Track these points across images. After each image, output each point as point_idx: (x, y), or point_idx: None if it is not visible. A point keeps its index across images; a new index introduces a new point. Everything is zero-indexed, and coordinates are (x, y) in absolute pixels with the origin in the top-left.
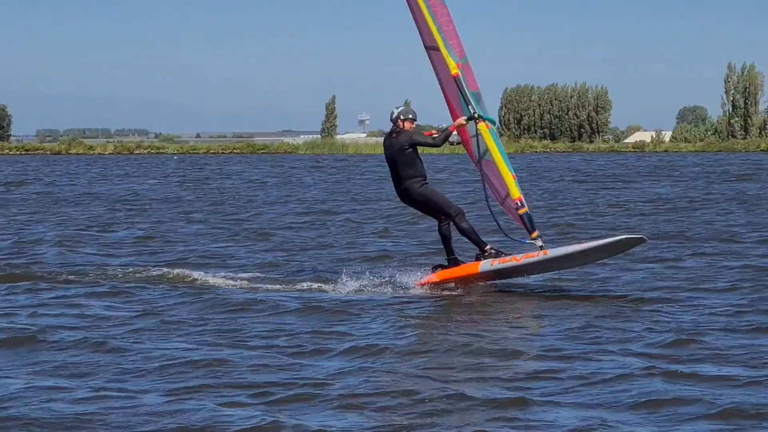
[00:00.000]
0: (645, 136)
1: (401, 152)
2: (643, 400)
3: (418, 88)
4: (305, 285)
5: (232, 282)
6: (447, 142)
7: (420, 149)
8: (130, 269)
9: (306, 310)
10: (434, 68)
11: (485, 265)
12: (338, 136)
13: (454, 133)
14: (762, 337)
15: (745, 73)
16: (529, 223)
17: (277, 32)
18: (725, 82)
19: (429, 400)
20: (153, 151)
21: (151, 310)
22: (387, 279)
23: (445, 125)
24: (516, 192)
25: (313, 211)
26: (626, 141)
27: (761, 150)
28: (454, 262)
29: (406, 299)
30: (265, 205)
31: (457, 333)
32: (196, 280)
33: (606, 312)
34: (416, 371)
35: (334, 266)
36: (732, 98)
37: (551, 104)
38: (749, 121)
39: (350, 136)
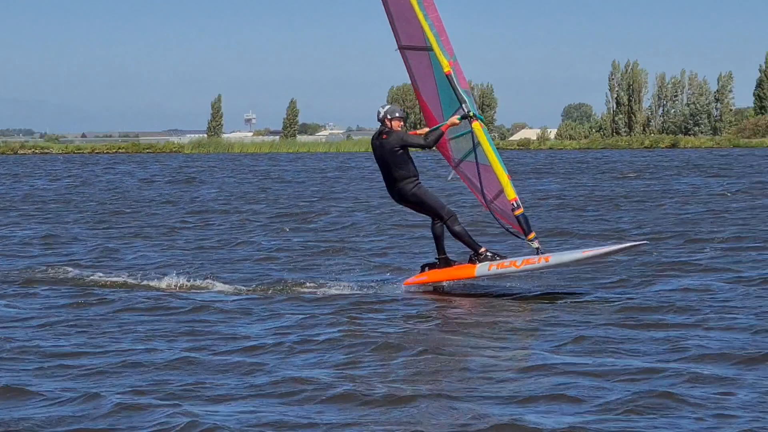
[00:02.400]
0: (530, 134)
1: (392, 153)
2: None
3: (304, 87)
4: (197, 283)
5: (116, 280)
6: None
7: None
8: (16, 270)
9: (195, 310)
10: (408, 68)
11: (482, 269)
12: (224, 135)
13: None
14: (651, 330)
15: (629, 71)
16: (525, 225)
17: (163, 32)
18: (609, 80)
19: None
20: (38, 151)
21: (38, 311)
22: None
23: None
24: (512, 193)
25: (204, 210)
26: (512, 138)
27: (644, 147)
28: (444, 261)
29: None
30: (153, 204)
31: (430, 337)
32: (82, 279)
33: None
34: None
35: (228, 266)
36: (616, 96)
37: None
38: (633, 118)
39: (236, 135)
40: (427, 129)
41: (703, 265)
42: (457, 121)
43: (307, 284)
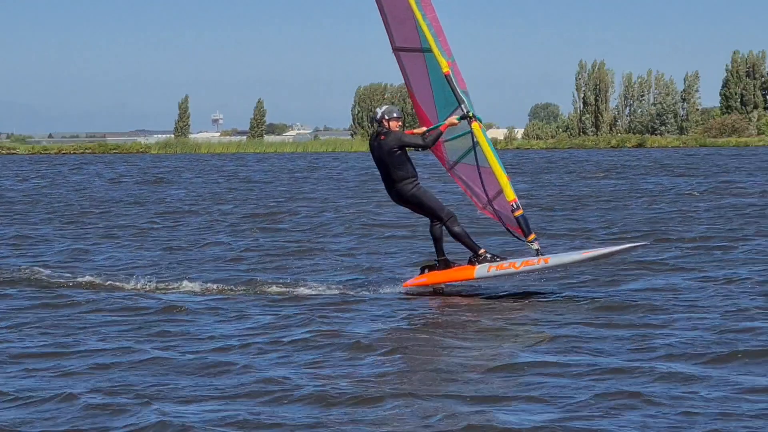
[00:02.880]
0: (498, 134)
1: (390, 154)
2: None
3: (271, 87)
4: (166, 284)
5: (85, 281)
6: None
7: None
8: None
9: (165, 311)
10: (403, 70)
11: (481, 270)
12: (191, 136)
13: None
14: (619, 329)
15: (596, 71)
16: (525, 226)
17: (131, 32)
18: (576, 80)
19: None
20: (4, 151)
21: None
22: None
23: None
24: (511, 194)
25: (173, 210)
26: None
27: (611, 147)
28: (444, 263)
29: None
30: (122, 205)
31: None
32: (51, 281)
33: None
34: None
35: (197, 266)
36: (583, 95)
37: (404, 102)
38: (600, 118)
39: (203, 135)
40: (422, 128)
41: (670, 264)
42: (456, 121)
43: (277, 285)
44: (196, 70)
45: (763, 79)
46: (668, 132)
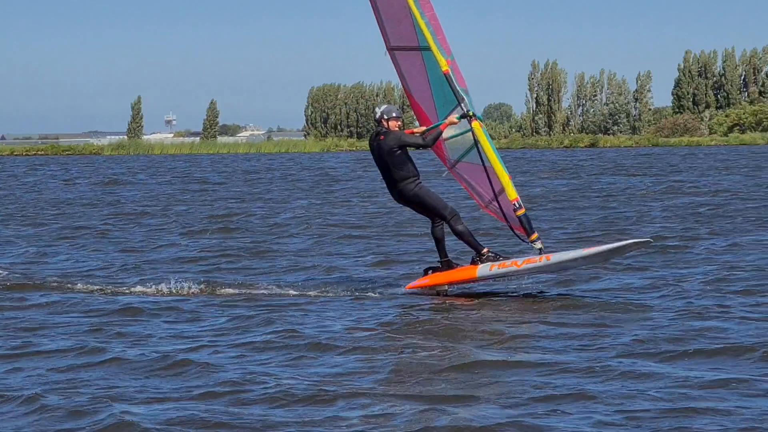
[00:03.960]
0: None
1: (390, 154)
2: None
3: (224, 88)
4: (124, 285)
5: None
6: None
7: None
8: None
9: (122, 311)
10: (399, 70)
11: (483, 269)
12: (144, 137)
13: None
14: (571, 327)
15: (549, 71)
16: (527, 225)
17: (83, 33)
18: (529, 80)
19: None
20: None
21: None
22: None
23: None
24: (513, 193)
25: (129, 212)
26: None
27: (564, 146)
28: (447, 264)
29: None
30: (77, 207)
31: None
32: (7, 283)
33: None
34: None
35: (154, 267)
36: (536, 95)
37: (357, 103)
38: (553, 117)
39: (156, 136)
40: (421, 128)
41: (624, 264)
42: (456, 120)
43: (233, 286)
44: (149, 71)
45: (714, 79)
46: (621, 132)
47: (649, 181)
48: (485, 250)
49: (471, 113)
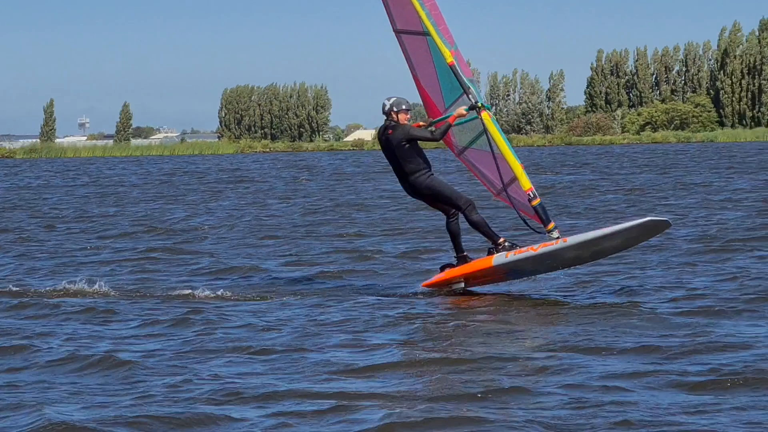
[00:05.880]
0: (365, 134)
1: (399, 148)
2: None
3: (137, 90)
4: (55, 288)
5: None
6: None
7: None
8: None
9: (52, 315)
10: (405, 53)
11: (500, 257)
12: (58, 140)
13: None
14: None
15: None
16: (544, 215)
17: None
18: None
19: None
20: None
21: None
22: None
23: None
24: (527, 183)
25: (47, 215)
26: (346, 139)
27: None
28: (463, 260)
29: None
30: None
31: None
32: None
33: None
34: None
35: (79, 270)
36: None
37: (271, 104)
38: None
39: (70, 139)
40: (421, 123)
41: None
42: (465, 112)
43: (154, 287)
44: (62, 74)
45: (627, 78)
46: (534, 131)
47: (567, 180)
48: (501, 239)
49: (480, 104)
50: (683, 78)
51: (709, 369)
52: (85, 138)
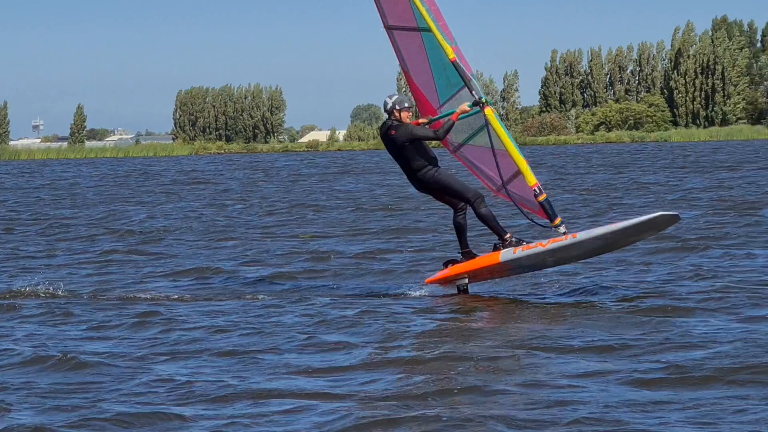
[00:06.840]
0: (320, 135)
1: (403, 148)
2: None
3: (91, 92)
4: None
5: None
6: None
7: None
8: None
9: (11, 318)
10: (397, 50)
11: (507, 253)
12: (11, 143)
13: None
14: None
15: None
16: (550, 210)
17: None
18: (397, 81)
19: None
20: None
21: None
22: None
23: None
24: (532, 178)
25: (4, 218)
26: (301, 140)
27: (434, 146)
28: (468, 255)
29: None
30: None
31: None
32: None
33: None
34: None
35: (38, 273)
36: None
37: (226, 105)
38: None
39: (24, 141)
40: (422, 120)
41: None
42: (468, 108)
43: (114, 288)
44: (15, 76)
45: (581, 78)
46: None
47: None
48: (508, 235)
49: (484, 100)
50: (637, 78)
51: (662, 367)
52: (39, 140)
